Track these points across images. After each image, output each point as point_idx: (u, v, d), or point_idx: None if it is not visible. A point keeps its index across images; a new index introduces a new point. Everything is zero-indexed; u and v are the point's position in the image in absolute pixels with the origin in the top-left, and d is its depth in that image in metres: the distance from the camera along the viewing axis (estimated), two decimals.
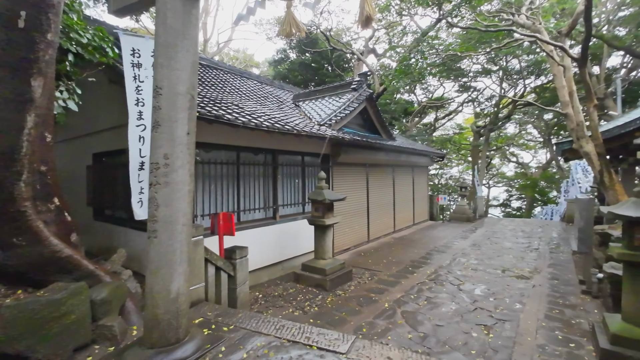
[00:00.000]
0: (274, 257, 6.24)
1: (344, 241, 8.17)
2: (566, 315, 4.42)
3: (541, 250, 8.30)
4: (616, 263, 4.43)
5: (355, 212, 8.66)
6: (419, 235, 10.64)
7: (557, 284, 5.76)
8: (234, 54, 25.82)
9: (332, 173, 7.75)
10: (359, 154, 8.18)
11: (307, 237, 6.61)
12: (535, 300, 4.98)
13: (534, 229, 11.77)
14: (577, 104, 7.31)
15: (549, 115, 23.59)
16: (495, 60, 18.46)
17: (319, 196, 5.64)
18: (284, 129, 5.30)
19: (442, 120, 23.89)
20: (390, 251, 8.33)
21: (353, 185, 8.60)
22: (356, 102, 8.65)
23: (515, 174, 30.36)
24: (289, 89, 12.14)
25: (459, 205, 14.48)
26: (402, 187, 11.51)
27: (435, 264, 7.10)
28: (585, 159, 7.18)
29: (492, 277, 6.15)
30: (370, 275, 6.35)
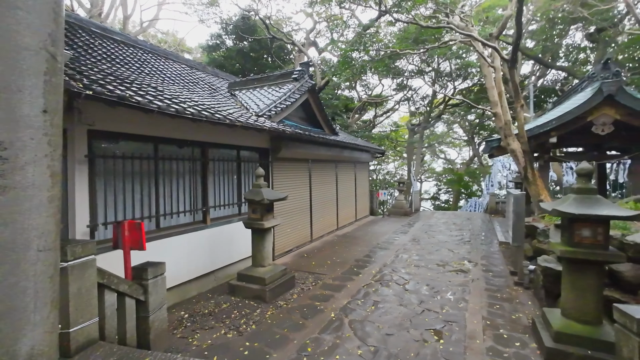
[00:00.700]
0: (205, 267, 5.40)
1: (285, 243, 7.59)
2: (506, 310, 4.47)
3: (473, 243, 8.75)
4: (548, 256, 4.62)
5: (298, 210, 8.14)
6: (361, 231, 10.55)
7: (492, 276, 5.96)
8: (161, 36, 23.18)
9: (272, 169, 7.09)
10: (301, 149, 7.64)
11: (244, 241, 5.88)
12: (476, 295, 5.02)
13: (463, 221, 12.59)
14: (505, 104, 7.76)
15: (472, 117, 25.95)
16: (428, 62, 19.47)
17: (257, 196, 4.97)
18: (214, 118, 4.49)
19: (380, 117, 24.63)
20: (334, 250, 8.00)
21: (295, 182, 8.05)
22: (297, 93, 8.07)
23: (444, 169, 32.98)
24: (224, 76, 11.05)
25: (397, 200, 14.92)
26: (345, 183, 11.33)
27: (379, 262, 6.93)
28: (512, 156, 7.68)
29: (434, 273, 6.15)
30: (314, 279, 5.89)
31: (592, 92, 7.52)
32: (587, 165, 3.36)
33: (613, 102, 7.32)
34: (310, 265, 6.74)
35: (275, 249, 7.08)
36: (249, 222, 5.14)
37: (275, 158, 7.16)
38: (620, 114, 7.38)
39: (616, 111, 7.41)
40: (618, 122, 7.45)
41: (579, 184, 3.37)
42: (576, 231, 3.27)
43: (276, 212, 6.88)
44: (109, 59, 5.92)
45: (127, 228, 3.24)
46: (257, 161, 6.73)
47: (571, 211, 3.17)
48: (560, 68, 15.08)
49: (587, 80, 8.10)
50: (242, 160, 6.32)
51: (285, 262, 6.91)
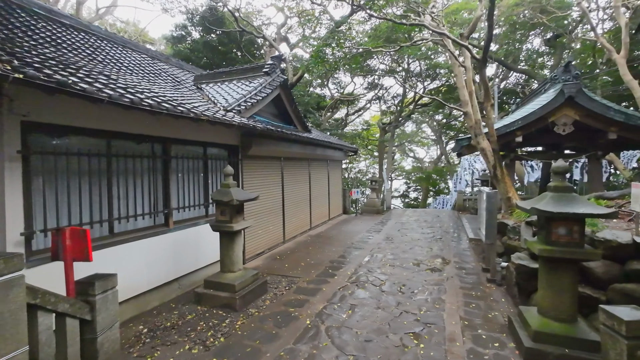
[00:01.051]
0: (168, 274, 4.93)
1: (257, 245, 7.22)
2: (482, 309, 4.45)
3: (444, 240, 8.88)
4: (521, 254, 4.67)
5: (270, 211, 7.79)
6: (335, 231, 10.39)
7: (465, 273, 6.00)
8: (121, 25, 21.63)
9: (242, 168, 6.69)
10: (273, 146, 7.30)
11: (211, 245, 5.47)
12: (452, 294, 4.99)
13: (433, 218, 12.84)
14: (476, 103, 7.90)
15: (439, 117, 26.78)
16: (399, 62, 19.75)
17: (225, 196, 4.59)
18: (176, 111, 4.06)
19: (352, 116, 24.70)
20: (308, 251, 7.75)
21: (267, 181, 7.69)
22: (269, 88, 7.71)
23: (412, 167, 33.87)
24: (190, 69, 10.39)
25: (370, 198, 14.96)
26: (318, 182, 11.11)
27: (354, 262, 6.78)
28: (482, 155, 7.83)
29: (410, 272, 6.09)
30: (288, 283, 5.60)
31: (554, 93, 7.86)
32: (563, 163, 3.36)
33: (573, 103, 7.69)
34: (283, 268, 6.44)
35: (245, 252, 6.70)
36: (217, 225, 4.75)
37: (246, 156, 6.77)
38: (579, 115, 7.77)
39: (575, 112, 7.79)
40: (577, 122, 7.85)
41: (556, 182, 3.37)
42: (553, 229, 3.26)
43: (247, 213, 6.51)
44: (53, 43, 5.23)
45: (68, 236, 2.77)
46: (225, 159, 6.31)
47: (549, 209, 3.14)
48: (522, 71, 15.86)
49: (549, 82, 8.45)
50: (209, 158, 5.88)
51: (257, 266, 6.56)
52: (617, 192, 6.31)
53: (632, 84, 9.73)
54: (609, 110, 7.42)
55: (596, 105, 7.50)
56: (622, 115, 7.34)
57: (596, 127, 7.80)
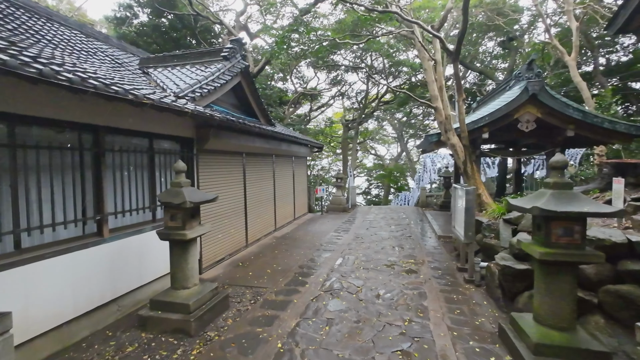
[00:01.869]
0: (103, 295, 4.00)
1: (216, 251, 6.39)
2: (467, 315, 4.14)
3: (414, 238, 8.69)
4: (505, 254, 4.44)
5: (231, 212, 6.98)
6: (301, 231, 9.79)
7: (441, 274, 5.74)
8: (52, 2, 18.93)
9: (198, 164, 5.83)
10: (234, 140, 6.49)
11: (160, 255, 4.60)
12: (434, 299, 4.64)
13: (400, 215, 12.77)
14: (446, 98, 7.75)
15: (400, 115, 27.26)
16: (362, 58, 19.59)
17: (176, 197, 3.78)
18: (109, 90, 3.18)
19: (315, 112, 24.19)
20: (274, 256, 7.07)
21: (227, 179, 6.86)
22: (228, 74, 6.87)
23: (374, 164, 34.30)
24: (135, 52, 9.12)
25: (335, 196, 14.58)
26: (283, 179, 10.42)
27: (325, 266, 6.25)
28: (451, 150, 7.71)
29: (385, 275, 5.69)
30: (253, 295, 4.90)
31: (519, 90, 7.96)
32: (562, 157, 3.09)
33: (535, 101, 7.83)
34: (247, 277, 5.71)
35: (203, 260, 5.86)
36: (166, 233, 3.91)
37: (202, 150, 5.91)
38: (541, 113, 7.94)
39: (538, 110, 7.95)
40: (538, 120, 8.03)
41: (555, 177, 3.08)
42: (553, 230, 2.96)
43: (204, 215, 5.68)
44: None
45: None
46: (178, 154, 5.41)
47: (552, 208, 2.83)
48: (480, 71, 16.45)
49: (514, 79, 8.57)
50: (157, 152, 4.96)
51: (216, 276, 5.76)
52: (581, 188, 6.44)
53: (582, 85, 10.32)
54: (568, 108, 7.65)
55: (557, 103, 7.69)
56: (579, 113, 7.60)
57: (555, 125, 8.03)
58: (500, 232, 5.00)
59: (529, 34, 17.52)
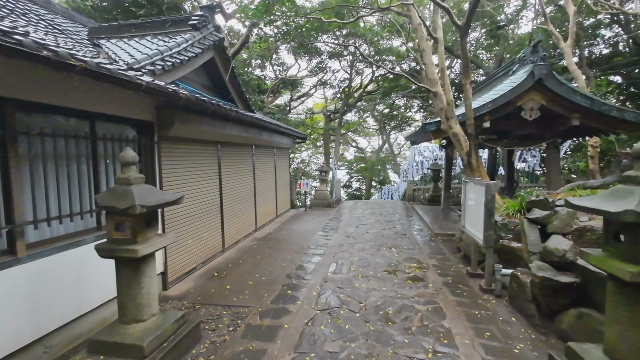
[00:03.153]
0: (20, 334, 2.87)
1: (186, 260, 5.31)
2: (500, 340, 3.37)
3: (410, 237, 7.95)
4: (543, 263, 3.69)
5: (204, 212, 5.89)
6: (285, 231, 8.81)
7: (451, 282, 4.99)
8: None
9: (160, 155, 4.70)
10: (206, 126, 5.38)
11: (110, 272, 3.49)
12: (454, 317, 3.86)
13: (388, 210, 12.07)
14: (448, 82, 6.97)
15: (380, 107, 26.58)
16: (346, 44, 18.60)
17: (122, 200, 2.71)
18: (8, 41, 2.05)
19: (295, 101, 23.01)
20: (256, 262, 6.07)
21: (199, 173, 5.75)
22: (199, 47, 5.71)
23: (355, 157, 33.64)
24: (85, 22, 7.65)
25: (319, 190, 13.67)
26: (264, 172, 9.36)
27: (317, 275, 5.34)
28: (453, 140, 6.97)
29: (389, 285, 4.86)
30: (232, 319, 3.91)
31: (524, 74, 7.32)
32: None
33: (541, 86, 7.21)
34: (224, 292, 4.69)
35: (168, 273, 4.78)
36: (109, 248, 2.83)
37: (166, 138, 4.78)
38: (546, 100, 7.35)
39: (542, 96, 7.35)
40: (541, 108, 7.46)
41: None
42: None
43: (169, 218, 4.59)
44: None
45: None
46: (133, 141, 4.26)
47: None
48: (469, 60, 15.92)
49: (517, 63, 7.93)
50: (101, 138, 3.80)
51: (186, 292, 4.71)
52: (599, 181, 5.88)
53: (577, 74, 9.91)
54: (575, 94, 7.09)
55: (563, 89, 7.11)
56: (587, 100, 7.05)
57: (560, 113, 7.48)
58: (525, 234, 4.27)
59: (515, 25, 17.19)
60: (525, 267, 4.16)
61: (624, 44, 15.76)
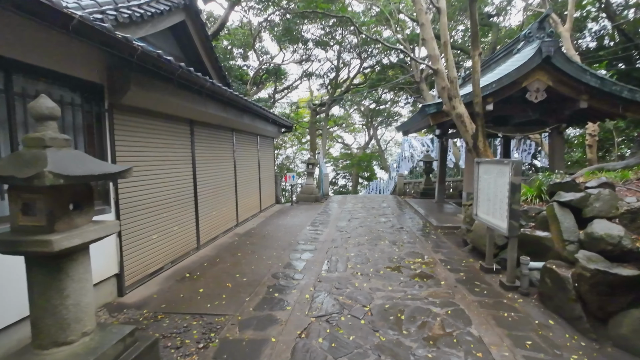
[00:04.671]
0: None
1: (150, 259, 4.38)
2: (547, 351, 2.66)
3: (408, 230, 7.27)
4: (592, 253, 3.01)
5: (174, 203, 4.96)
6: (271, 226, 7.95)
7: (467, 278, 4.30)
8: None
9: (113, 127, 3.76)
10: (174, 97, 4.46)
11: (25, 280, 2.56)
12: (480, 321, 3.14)
13: (380, 204, 11.39)
14: (451, 57, 6.31)
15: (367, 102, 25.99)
16: (332, 34, 17.84)
17: (28, 167, 1.80)
18: None
19: (279, 94, 22.07)
20: (237, 260, 5.20)
21: (166, 156, 4.81)
22: (165, 3, 4.77)
23: (341, 154, 32.95)
24: None
25: (307, 184, 12.85)
26: (247, 162, 8.45)
27: (309, 273, 4.53)
28: (457, 122, 6.31)
29: (396, 284, 4.12)
30: (203, 332, 3.05)
31: (532, 51, 6.75)
32: None
33: (546, 66, 6.67)
34: (195, 297, 3.81)
35: (125, 277, 3.86)
36: (12, 239, 1.92)
37: (120, 106, 3.84)
38: (553, 80, 6.81)
39: (549, 77, 6.81)
40: (547, 89, 6.92)
41: None
42: None
43: (127, 206, 3.68)
44: None
45: None
46: (74, 106, 3.31)
47: None
48: (460, 48, 15.49)
49: (522, 40, 7.36)
50: (19, 95, 2.83)
51: (147, 298, 3.79)
52: (621, 163, 5.34)
53: (576, 59, 9.49)
54: (585, 73, 6.59)
55: (573, 68, 6.59)
56: (597, 80, 6.56)
57: (567, 95, 6.97)
58: (557, 220, 3.60)
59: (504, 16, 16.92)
60: (557, 259, 3.51)
61: (608, 39, 15.73)
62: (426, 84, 16.17)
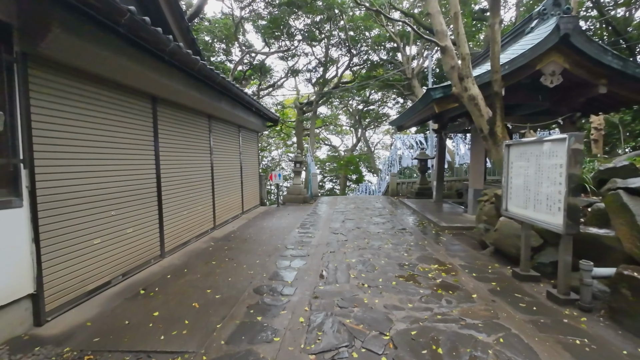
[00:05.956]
0: None
1: (88, 271, 3.26)
2: None
3: (413, 232, 6.37)
4: None
5: (126, 198, 3.86)
6: (254, 228, 6.88)
7: (502, 290, 3.40)
8: None
9: (27, 84, 2.68)
10: (123, 57, 3.39)
11: None
12: (551, 354, 2.22)
13: (373, 204, 10.49)
14: (462, 31, 5.50)
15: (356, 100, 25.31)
16: (320, 29, 17.03)
17: None
18: None
19: (264, 91, 21.03)
20: (209, 270, 4.13)
21: (114, 135, 3.72)
22: None
23: (328, 156, 32.07)
24: None
25: (294, 184, 11.84)
26: (226, 155, 7.37)
27: (302, 287, 3.52)
28: (469, 107, 5.49)
29: (416, 299, 3.17)
30: None
31: (547, 30, 6.05)
32: None
33: (562, 47, 5.97)
34: (145, 324, 2.74)
35: (45, 298, 2.74)
36: None
37: (37, 57, 2.76)
38: (569, 62, 6.10)
39: (565, 58, 6.11)
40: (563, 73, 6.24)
41: None
42: None
43: (60, 199, 2.60)
44: None
45: None
46: None
47: None
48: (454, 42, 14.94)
49: (536, 18, 6.66)
50: None
51: (77, 327, 2.69)
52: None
53: None
54: (606, 54, 5.89)
55: (592, 48, 5.89)
56: (619, 62, 5.89)
57: (583, 80, 6.30)
58: (630, 211, 2.75)
59: None
60: (630, 263, 2.66)
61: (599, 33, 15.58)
62: (418, 81, 15.52)
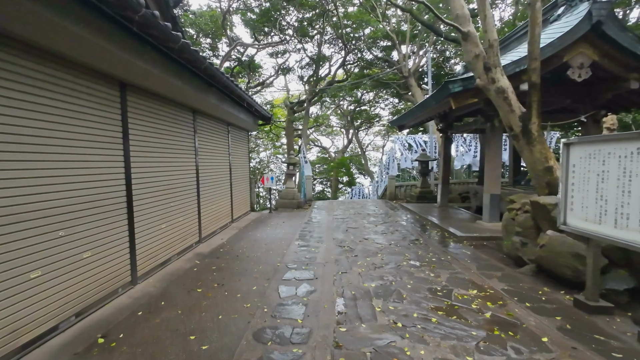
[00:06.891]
0: None
1: (23, 315, 2.32)
2: None
3: (428, 242, 5.62)
4: None
5: (84, 206, 2.93)
6: (246, 241, 5.97)
7: (573, 329, 2.65)
8: None
9: None
10: (73, 25, 2.48)
11: None
12: None
13: (373, 210, 9.75)
14: (490, 12, 4.80)
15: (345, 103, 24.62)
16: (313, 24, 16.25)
17: None
18: None
19: (253, 89, 20.05)
20: (193, 303, 3.22)
21: (66, 125, 2.79)
22: None
23: (318, 158, 31.26)
24: None
25: (287, 188, 10.96)
26: (214, 156, 6.44)
27: (317, 329, 2.68)
28: (497, 101, 4.78)
29: (472, 346, 2.38)
30: None
31: (576, 17, 5.44)
32: None
33: (592, 37, 5.39)
34: None
35: None
36: None
37: None
38: (599, 54, 5.52)
39: (595, 50, 5.52)
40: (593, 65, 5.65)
41: None
42: None
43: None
44: None
45: None
46: None
47: None
48: (453, 39, 14.41)
49: (562, 5, 6.04)
50: None
51: None
52: None
53: None
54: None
55: (626, 38, 5.33)
56: None
57: (612, 74, 5.73)
58: None
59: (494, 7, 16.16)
60: None
61: None
62: (414, 79, 14.92)
